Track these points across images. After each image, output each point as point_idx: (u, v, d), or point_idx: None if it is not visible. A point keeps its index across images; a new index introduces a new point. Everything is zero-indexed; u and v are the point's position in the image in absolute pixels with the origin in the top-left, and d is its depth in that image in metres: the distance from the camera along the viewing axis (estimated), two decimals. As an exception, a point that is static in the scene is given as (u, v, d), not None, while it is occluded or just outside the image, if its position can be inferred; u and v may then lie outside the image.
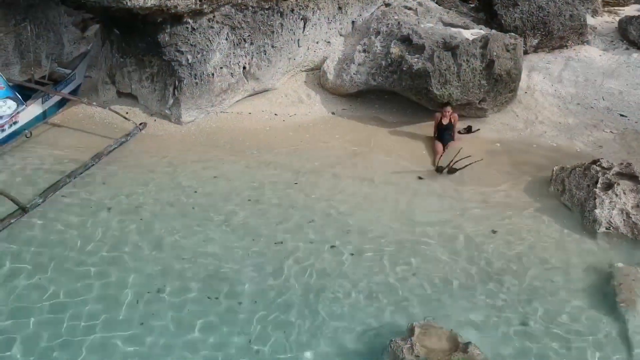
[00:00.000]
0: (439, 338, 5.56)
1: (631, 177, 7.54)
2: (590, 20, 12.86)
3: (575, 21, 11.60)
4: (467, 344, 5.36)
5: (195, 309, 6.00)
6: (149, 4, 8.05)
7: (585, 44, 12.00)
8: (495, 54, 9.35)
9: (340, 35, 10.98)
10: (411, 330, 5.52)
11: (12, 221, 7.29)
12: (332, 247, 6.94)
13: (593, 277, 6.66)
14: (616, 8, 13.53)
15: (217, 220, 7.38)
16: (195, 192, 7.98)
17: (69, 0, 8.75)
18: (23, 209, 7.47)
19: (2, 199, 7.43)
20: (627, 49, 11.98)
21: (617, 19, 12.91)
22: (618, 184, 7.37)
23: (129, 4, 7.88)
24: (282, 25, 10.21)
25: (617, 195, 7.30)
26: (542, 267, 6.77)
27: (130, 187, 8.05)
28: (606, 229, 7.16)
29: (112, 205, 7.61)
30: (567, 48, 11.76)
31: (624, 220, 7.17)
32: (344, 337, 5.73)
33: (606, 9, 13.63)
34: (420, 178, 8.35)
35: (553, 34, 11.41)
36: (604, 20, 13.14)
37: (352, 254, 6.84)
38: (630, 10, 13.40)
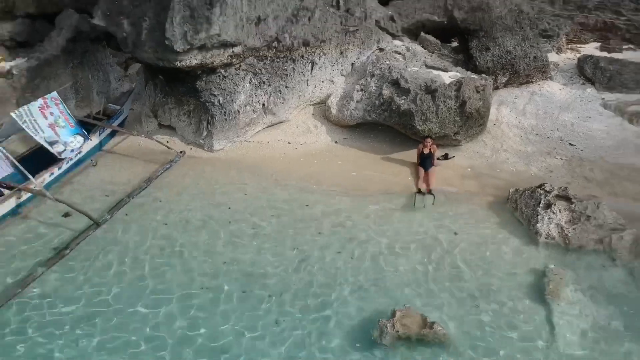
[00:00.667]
0: (413, 319, 7.79)
1: (566, 198, 9.76)
2: (554, 57, 15.13)
3: (539, 62, 13.83)
4: (433, 323, 7.60)
5: (229, 302, 8.25)
6: (193, 63, 10.30)
7: (548, 79, 14.24)
8: (467, 95, 11.57)
9: (342, 75, 13.21)
10: (393, 314, 7.75)
11: (89, 233, 9.53)
12: (338, 253, 9.19)
13: (532, 275, 8.88)
14: (578, 46, 15.78)
15: (250, 233, 9.60)
16: (229, 208, 10.22)
17: (129, 55, 10.95)
18: (97, 224, 9.71)
19: (79, 216, 9.67)
20: (583, 84, 14.22)
21: (578, 56, 15.16)
22: (555, 204, 9.59)
23: (178, 64, 10.13)
24: (294, 69, 12.45)
25: (554, 213, 9.52)
26: (494, 266, 8.99)
27: (177, 205, 10.30)
28: (545, 238, 9.39)
29: (167, 221, 9.85)
30: (532, 83, 14.00)
31: (559, 232, 9.39)
32: (344, 318, 7.95)
33: (570, 46, 15.89)
34: (416, 196, 10.51)
35: (519, 73, 13.65)
36: (566, 57, 15.40)
37: (351, 258, 9.08)
38: (590, 48, 15.67)
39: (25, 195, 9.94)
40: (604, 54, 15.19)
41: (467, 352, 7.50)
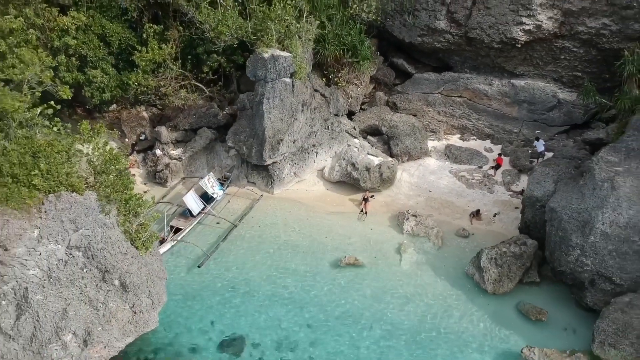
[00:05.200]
0: (350, 257, 23.27)
1: (415, 215, 25.18)
2: (435, 143, 30.67)
3: (422, 150, 29.34)
4: (357, 259, 23.13)
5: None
6: (270, 162, 25.81)
7: (428, 157, 29.74)
8: (383, 170, 26.99)
9: (330, 157, 28.67)
10: (344, 257, 23.28)
11: (231, 229, 24.99)
12: (327, 234, 24.67)
13: (397, 244, 24.39)
14: (447, 136, 31.29)
15: (297, 225, 25.09)
16: (289, 213, 25.65)
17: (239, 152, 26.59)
18: (234, 225, 25.19)
19: (225, 222, 25.15)
20: (446, 160, 29.71)
21: (447, 143, 30.69)
22: (410, 217, 25.04)
23: (264, 164, 25.66)
24: (308, 156, 27.92)
25: (409, 220, 24.93)
26: (383, 240, 24.42)
27: (265, 217, 25.76)
28: (405, 232, 24.78)
29: (260, 225, 25.36)
30: (419, 159, 29.48)
31: (410, 228, 24.77)
32: (328, 257, 23.42)
33: (445, 136, 31.40)
34: (360, 213, 25.95)
35: (413, 156, 29.15)
36: (442, 143, 30.92)
37: (329, 232, 24.57)
38: (454, 138, 31.18)
39: (203, 213, 25.43)
40: (460, 142, 30.74)
41: (371, 268, 23.01)
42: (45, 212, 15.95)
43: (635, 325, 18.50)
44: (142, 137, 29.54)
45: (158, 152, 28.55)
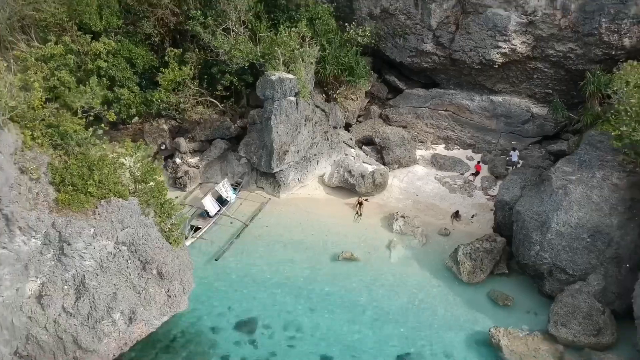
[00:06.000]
0: (348, 253, 27.06)
1: (403, 216, 28.95)
2: (423, 152, 34.48)
3: (411, 159, 33.13)
4: (353, 253, 26.93)
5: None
6: (277, 170, 29.63)
7: (416, 164, 33.54)
8: (376, 177, 30.76)
9: (329, 165, 32.46)
10: (339, 255, 27.09)
11: (243, 228, 28.79)
12: (326, 234, 28.47)
13: (387, 241, 28.21)
14: (434, 145, 35.11)
15: (300, 223, 28.88)
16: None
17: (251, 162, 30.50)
18: (245, 225, 29.00)
19: (237, 222, 28.98)
20: (432, 167, 33.52)
21: (434, 152, 34.50)
22: (399, 218, 28.80)
23: (272, 171, 29.47)
24: (310, 164, 31.71)
25: (398, 221, 28.71)
26: (373, 236, 28.20)
27: (270, 218, 29.58)
28: (395, 230, 28.60)
29: (268, 224, 29.17)
30: (409, 166, 33.28)
31: (399, 227, 28.53)
32: (329, 250, 27.23)
33: (432, 146, 35.21)
34: (355, 214, 29.76)
35: (402, 164, 32.93)
36: (429, 152, 34.73)
37: (329, 231, 28.37)
38: (440, 148, 34.99)
39: (218, 215, 29.22)
40: (445, 151, 34.55)
41: (365, 261, 26.82)
42: (98, 214, 19.75)
43: (583, 307, 22.31)
44: (163, 147, 33.28)
45: (178, 160, 32.33)
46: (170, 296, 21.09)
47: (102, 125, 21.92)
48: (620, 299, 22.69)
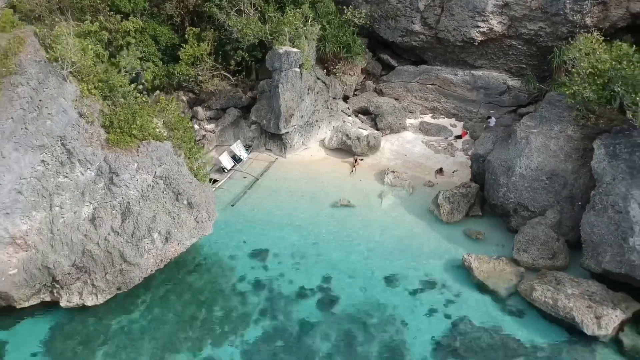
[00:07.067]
0: (343, 199, 31.53)
1: (393, 171, 33.39)
2: (412, 121, 38.95)
3: (401, 126, 37.59)
4: (349, 200, 31.42)
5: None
6: (284, 132, 34.08)
7: (406, 131, 38.00)
8: (370, 139, 35.22)
9: (329, 130, 36.92)
10: (337, 202, 31.55)
11: (255, 181, 33.28)
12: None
13: (379, 191, 32.67)
14: (422, 115, 39.58)
15: (303, 177, 33.35)
16: (298, 171, 33.91)
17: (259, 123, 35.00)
18: (257, 179, 33.50)
19: (249, 177, 33.48)
20: (420, 133, 37.99)
21: (421, 120, 38.97)
22: (390, 173, 33.24)
23: (279, 133, 33.94)
24: (312, 129, 36.18)
25: (389, 175, 33.14)
26: (367, 189, 32.66)
27: (277, 173, 34.07)
28: (386, 182, 33.02)
29: (276, 178, 33.68)
30: (399, 132, 37.74)
31: (390, 180, 32.99)
32: (326, 198, 31.70)
33: (420, 115, 39.67)
34: (351, 169, 34.23)
35: (393, 129, 37.40)
36: (417, 120, 39.21)
37: (326, 180, 32.85)
38: (427, 117, 39.48)
39: (233, 170, 33.71)
40: (432, 120, 39.01)
41: (360, 207, 31.31)
42: (140, 152, 24.22)
43: (540, 236, 26.74)
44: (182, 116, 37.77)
45: (196, 127, 36.77)
46: (198, 222, 25.54)
47: (143, 81, 26.37)
48: (573, 231, 27.00)
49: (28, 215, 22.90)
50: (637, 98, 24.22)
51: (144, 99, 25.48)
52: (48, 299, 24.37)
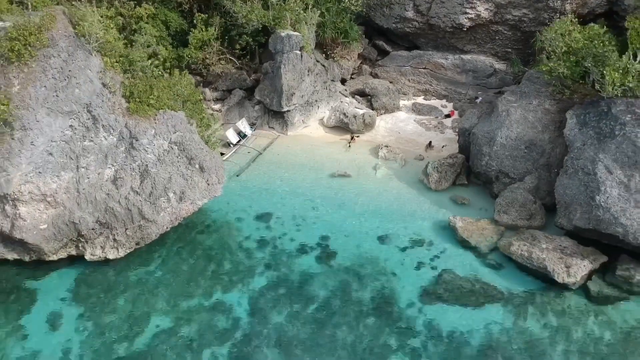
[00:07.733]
0: (343, 171, 34.28)
1: (387, 146, 36.09)
2: (405, 102, 41.68)
3: (395, 106, 40.31)
4: (346, 171, 34.13)
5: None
6: (285, 109, 36.79)
7: (400, 111, 40.71)
8: (366, 118, 37.93)
9: (328, 110, 39.63)
10: (335, 173, 34.27)
11: (258, 155, 36.00)
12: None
13: (372, 163, 35.38)
14: (414, 97, 42.30)
15: (304, 152, 36.08)
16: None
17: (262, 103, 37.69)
18: (260, 153, 36.22)
19: (252, 151, 36.21)
20: (412, 113, 40.69)
21: (414, 101, 41.69)
22: (384, 147, 35.95)
23: (282, 110, 36.66)
24: (312, 108, 38.90)
25: (382, 150, 35.87)
26: (362, 160, 35.36)
27: (280, 148, 36.78)
28: (380, 157, 35.75)
29: (279, 153, 36.40)
30: (393, 112, 40.44)
31: (384, 155, 35.69)
32: (325, 170, 34.42)
33: (413, 97, 42.37)
34: (348, 145, 36.94)
35: (388, 109, 40.11)
36: (410, 102, 41.93)
37: (324, 156, 35.58)
38: (420, 99, 42.18)
39: (238, 145, 36.44)
40: (424, 101, 41.73)
41: (356, 178, 34.00)
42: (157, 120, 26.93)
43: (519, 199, 29.47)
44: (191, 97, 40.48)
45: (204, 106, 39.45)
46: (209, 184, 28.24)
47: (158, 57, 29.09)
48: (549, 196, 29.63)
49: (57, 175, 25.57)
50: (604, 71, 26.93)
51: (159, 73, 28.13)
52: (74, 252, 27.03)
